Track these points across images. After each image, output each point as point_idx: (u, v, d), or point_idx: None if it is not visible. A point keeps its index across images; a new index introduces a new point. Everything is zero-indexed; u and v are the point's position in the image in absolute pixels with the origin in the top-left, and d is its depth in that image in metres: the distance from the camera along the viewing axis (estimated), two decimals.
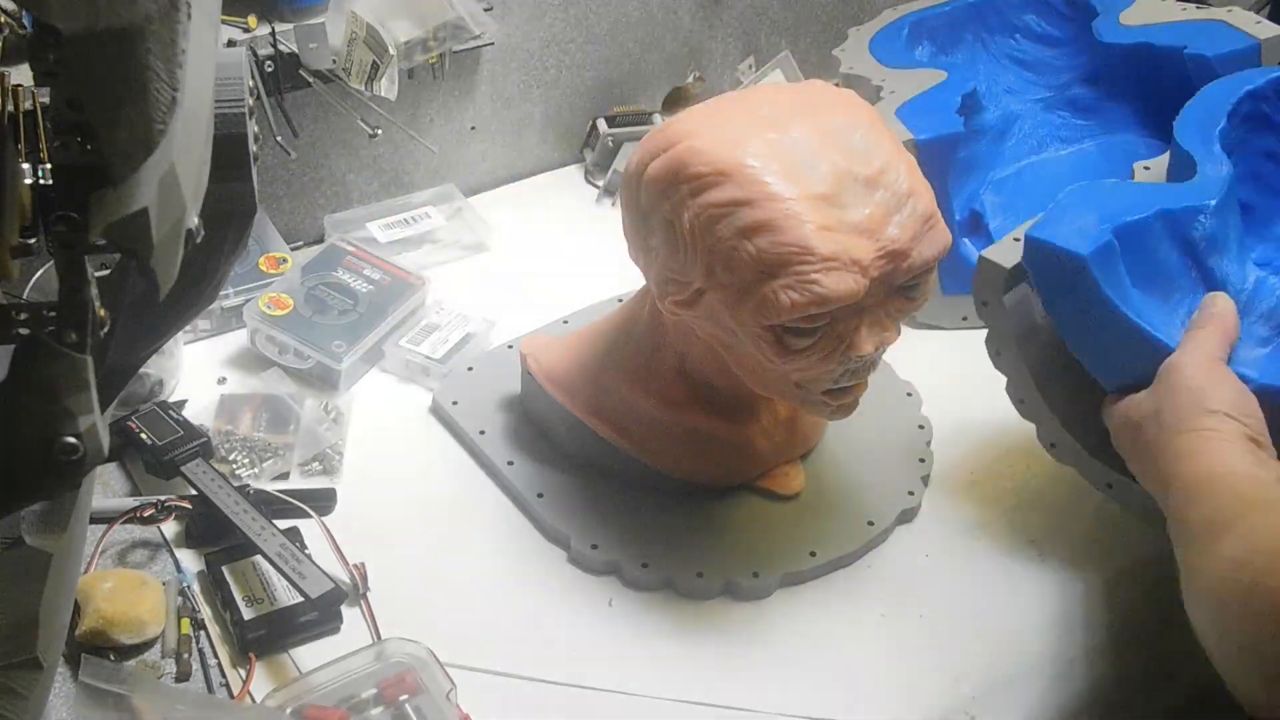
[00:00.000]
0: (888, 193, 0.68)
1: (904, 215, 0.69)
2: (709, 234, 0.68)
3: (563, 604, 0.79)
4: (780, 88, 0.76)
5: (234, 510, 0.77)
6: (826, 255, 0.66)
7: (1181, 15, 1.03)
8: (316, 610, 0.74)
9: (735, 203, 0.67)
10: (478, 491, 0.87)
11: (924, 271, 0.70)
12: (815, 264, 0.66)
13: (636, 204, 0.73)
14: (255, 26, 1.00)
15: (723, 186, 0.67)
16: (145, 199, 0.40)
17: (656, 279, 0.74)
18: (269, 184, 1.07)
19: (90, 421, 0.43)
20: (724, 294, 0.69)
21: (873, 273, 0.68)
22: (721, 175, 0.67)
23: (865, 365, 0.73)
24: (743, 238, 0.67)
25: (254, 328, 0.94)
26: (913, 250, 0.69)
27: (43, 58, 0.41)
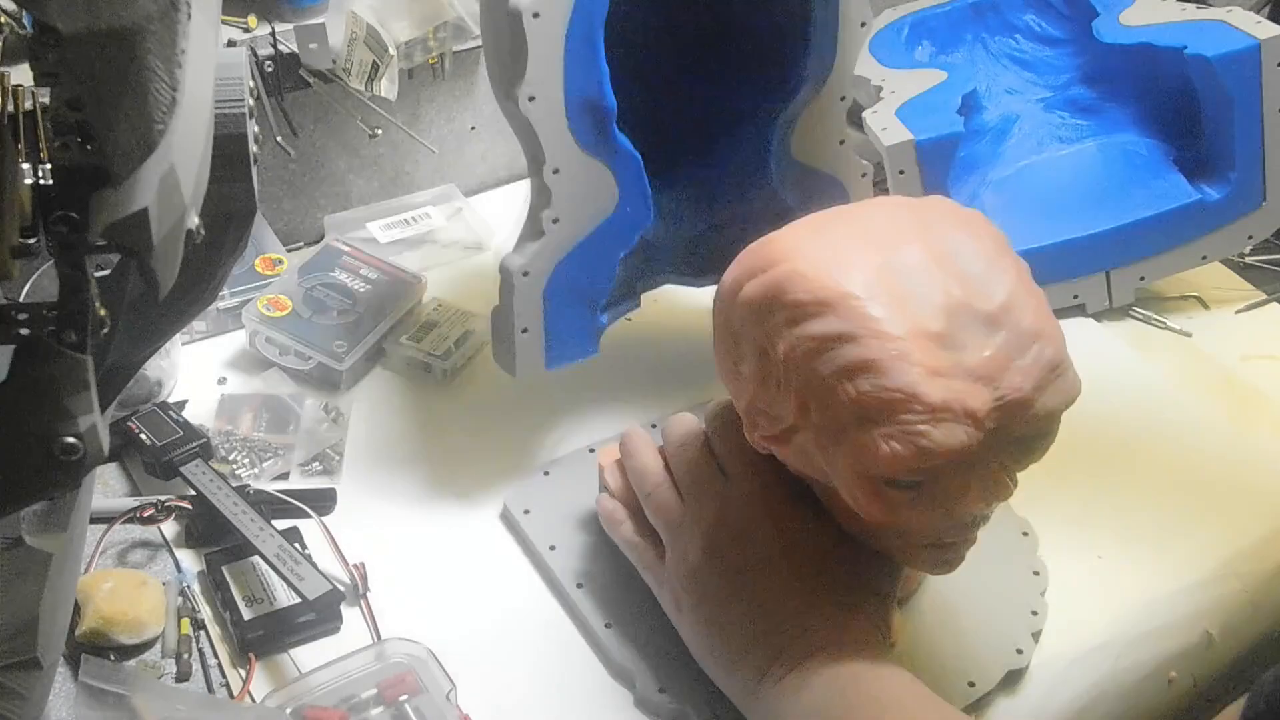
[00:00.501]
0: (1011, 334, 0.61)
1: (1027, 360, 0.60)
2: (806, 369, 0.61)
3: None
4: (897, 201, 0.68)
5: (232, 511, 0.77)
6: (936, 404, 0.58)
7: (1181, 15, 1.03)
8: (314, 611, 0.74)
9: (837, 338, 0.60)
10: None
11: (1046, 422, 0.62)
12: (922, 413, 0.59)
13: (728, 325, 0.67)
14: (255, 26, 1.00)
15: (824, 318, 0.60)
16: (145, 199, 0.40)
17: (746, 409, 0.68)
18: (269, 184, 1.07)
19: (90, 421, 0.43)
20: (818, 436, 0.63)
21: (988, 425, 0.60)
22: (823, 305, 0.60)
23: (975, 521, 0.66)
24: (843, 378, 0.60)
25: (253, 329, 0.94)
26: (1036, 401, 0.60)
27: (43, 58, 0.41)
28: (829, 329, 0.60)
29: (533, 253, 0.79)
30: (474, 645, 0.75)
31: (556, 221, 0.78)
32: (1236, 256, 1.09)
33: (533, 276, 0.80)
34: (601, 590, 0.79)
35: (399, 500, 0.86)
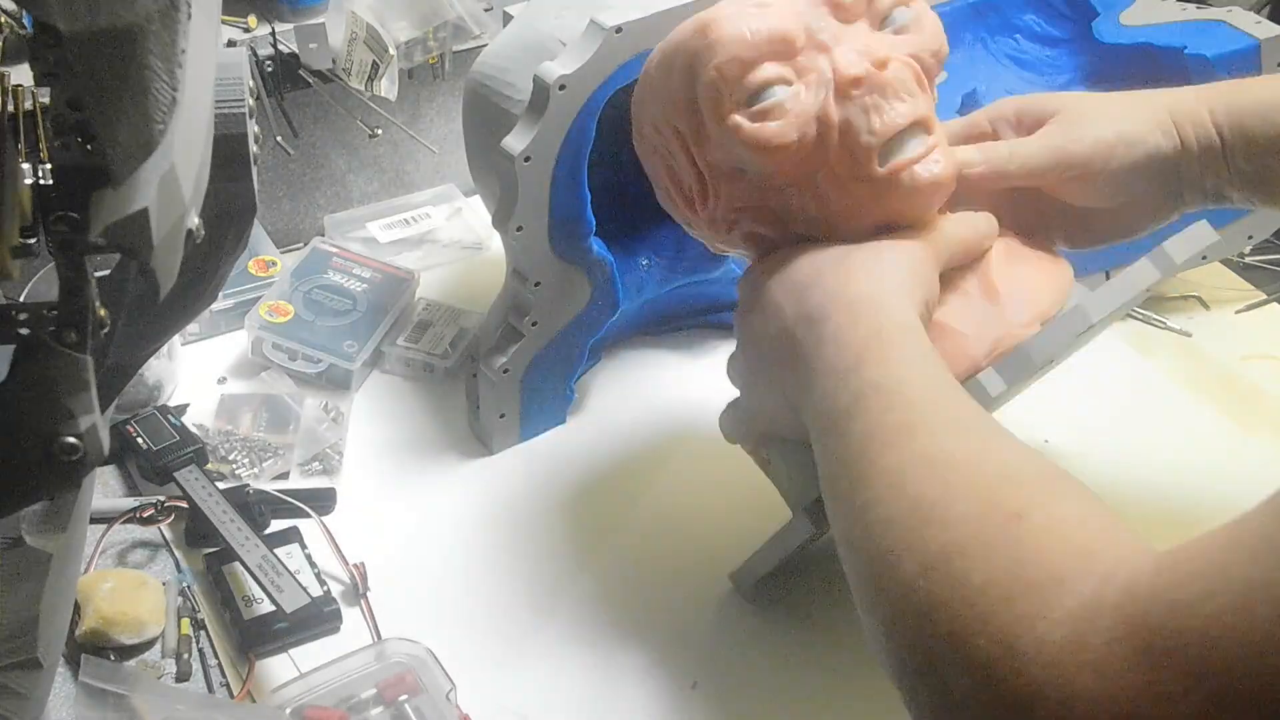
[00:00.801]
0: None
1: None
2: (661, 114, 0.67)
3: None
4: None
5: (220, 519, 0.77)
6: (723, 14, 0.63)
7: (1181, 15, 1.03)
8: (288, 623, 0.74)
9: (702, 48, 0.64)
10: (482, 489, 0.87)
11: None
12: (717, 25, 0.63)
13: (656, 136, 0.70)
14: (255, 26, 1.00)
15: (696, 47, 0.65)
16: (145, 199, 0.40)
17: (683, 204, 0.70)
18: (269, 184, 1.07)
19: (90, 421, 0.43)
20: (697, 136, 0.66)
21: (790, 6, 0.64)
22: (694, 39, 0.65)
23: (879, 90, 0.63)
24: (676, 77, 0.65)
25: (257, 336, 0.94)
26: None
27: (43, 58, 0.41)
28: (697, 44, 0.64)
29: (512, 353, 0.84)
30: (474, 645, 0.75)
31: (535, 325, 0.84)
32: (1236, 256, 1.09)
33: (512, 373, 0.85)
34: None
35: (399, 500, 0.86)
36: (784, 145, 0.63)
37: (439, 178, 1.17)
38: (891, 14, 0.66)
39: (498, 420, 0.88)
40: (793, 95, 0.63)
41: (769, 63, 0.63)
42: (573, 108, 0.75)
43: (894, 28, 0.66)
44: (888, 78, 0.63)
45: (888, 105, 0.63)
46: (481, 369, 0.85)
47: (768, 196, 0.67)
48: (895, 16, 0.66)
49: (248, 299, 0.97)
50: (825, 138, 0.63)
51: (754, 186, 0.66)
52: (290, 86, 1.01)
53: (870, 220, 0.65)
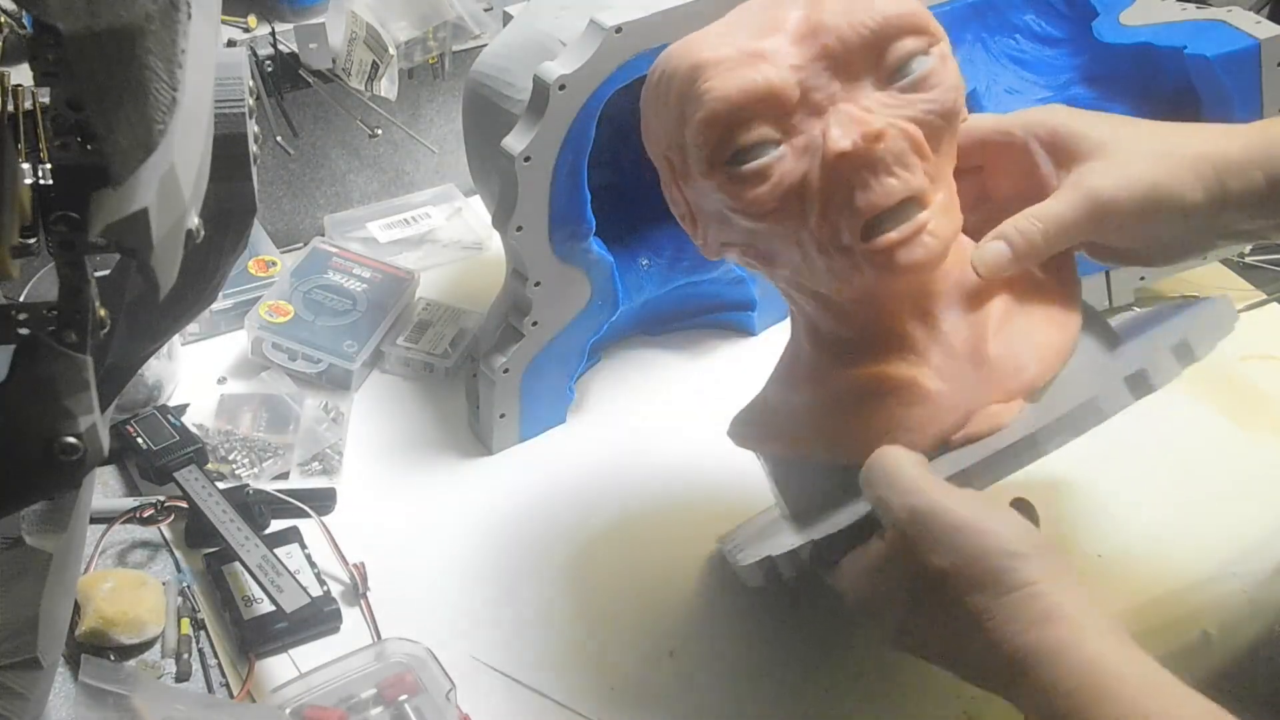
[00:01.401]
0: (789, 5, 0.62)
1: (801, 3, 0.61)
2: (656, 143, 0.66)
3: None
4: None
5: (220, 519, 0.77)
6: (715, 59, 0.60)
7: (1181, 15, 1.03)
8: (288, 623, 0.74)
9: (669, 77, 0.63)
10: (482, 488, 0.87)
11: (889, 44, 0.60)
12: (708, 74, 0.60)
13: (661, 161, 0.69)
14: (255, 26, 1.00)
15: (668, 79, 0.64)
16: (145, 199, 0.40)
17: (684, 220, 0.69)
18: (269, 184, 1.07)
19: (90, 421, 0.43)
20: (687, 176, 0.64)
21: (787, 60, 0.60)
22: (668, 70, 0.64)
23: (869, 166, 0.59)
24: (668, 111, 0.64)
25: (257, 336, 0.94)
26: (831, 22, 0.60)
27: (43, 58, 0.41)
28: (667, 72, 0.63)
29: (512, 353, 0.84)
30: (474, 645, 0.75)
31: (535, 324, 0.84)
32: (1236, 256, 1.09)
33: (512, 372, 0.85)
34: None
35: (399, 500, 0.86)
36: (765, 209, 0.62)
37: (439, 178, 1.17)
38: (907, 65, 0.61)
39: (498, 420, 0.88)
40: (779, 158, 0.61)
41: (758, 122, 0.60)
42: (573, 108, 0.75)
43: (905, 82, 0.61)
44: (879, 153, 0.59)
45: (876, 181, 0.60)
46: (481, 369, 0.85)
47: (755, 239, 0.65)
48: (911, 68, 0.61)
49: (248, 299, 0.97)
50: (808, 206, 0.61)
51: (740, 230, 0.65)
52: (290, 86, 1.01)
53: (852, 289, 0.64)
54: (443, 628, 0.75)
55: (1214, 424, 0.95)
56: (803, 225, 0.62)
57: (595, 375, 0.97)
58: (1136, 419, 0.61)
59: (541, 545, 0.83)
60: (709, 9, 0.78)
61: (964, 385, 0.64)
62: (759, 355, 0.70)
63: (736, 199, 0.62)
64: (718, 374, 0.98)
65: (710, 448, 0.80)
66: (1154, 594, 0.81)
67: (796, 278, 0.66)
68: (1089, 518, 0.86)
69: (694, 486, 0.87)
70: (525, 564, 0.82)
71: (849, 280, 0.63)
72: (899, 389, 0.65)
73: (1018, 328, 0.65)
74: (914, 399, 0.64)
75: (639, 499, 0.87)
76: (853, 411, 0.67)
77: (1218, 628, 0.80)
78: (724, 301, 1.01)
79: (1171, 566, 0.82)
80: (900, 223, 0.60)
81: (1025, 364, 0.64)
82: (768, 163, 0.61)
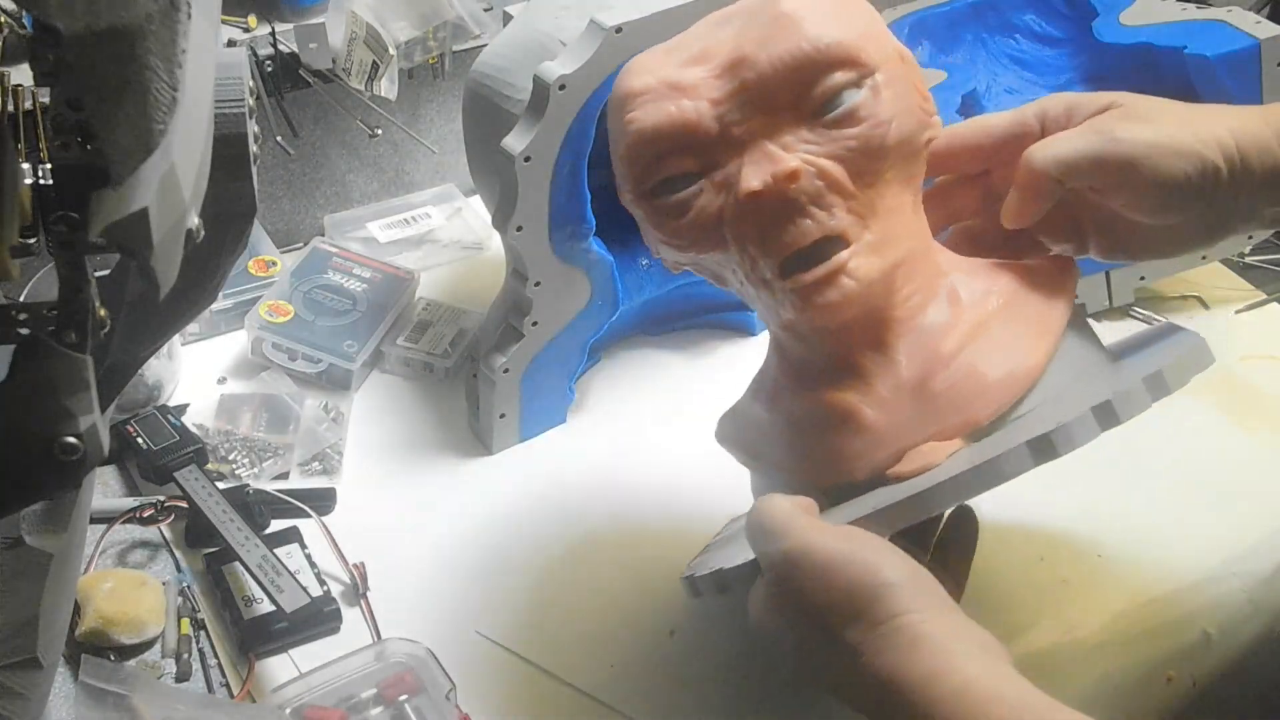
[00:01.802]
0: (728, 28, 0.62)
1: (735, 29, 0.61)
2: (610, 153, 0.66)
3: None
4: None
5: (220, 519, 0.77)
6: (639, 90, 0.61)
7: (1181, 15, 1.03)
8: (288, 623, 0.74)
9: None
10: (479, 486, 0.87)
11: (815, 78, 0.59)
12: (632, 105, 0.61)
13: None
14: (255, 26, 1.00)
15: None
16: (145, 199, 0.40)
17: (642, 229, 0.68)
18: (269, 184, 1.07)
19: (90, 421, 0.43)
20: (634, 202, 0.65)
21: (708, 93, 0.60)
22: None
23: (783, 206, 0.59)
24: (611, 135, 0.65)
25: (257, 336, 0.94)
26: (752, 55, 0.59)
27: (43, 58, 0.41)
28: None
29: (512, 353, 0.84)
30: (474, 645, 0.75)
31: (535, 324, 0.84)
32: (1236, 256, 1.09)
33: (512, 372, 0.85)
34: None
35: (399, 500, 0.86)
36: (687, 240, 0.63)
37: (439, 178, 1.17)
38: (835, 99, 0.59)
39: (498, 420, 0.88)
40: (696, 193, 0.61)
41: (678, 156, 0.61)
42: (573, 108, 0.75)
43: (831, 117, 0.59)
44: (792, 193, 0.58)
45: (790, 222, 0.59)
46: (481, 369, 0.85)
47: (698, 261, 0.65)
48: (838, 101, 0.59)
49: (248, 299, 0.97)
50: (722, 246, 0.62)
51: (672, 256, 0.66)
52: (290, 86, 1.01)
53: (781, 322, 0.64)
54: (443, 628, 0.75)
55: (1214, 424, 0.95)
56: (728, 257, 0.63)
57: (595, 375, 0.97)
58: (1137, 418, 0.61)
59: (542, 545, 0.83)
60: (709, 9, 0.78)
61: (905, 419, 0.62)
62: (759, 355, 0.70)
63: (660, 229, 0.64)
64: (718, 374, 0.98)
65: (710, 448, 0.80)
66: (1154, 594, 0.81)
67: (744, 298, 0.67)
68: (1089, 518, 0.86)
69: (694, 487, 0.87)
70: (525, 563, 0.82)
71: (775, 313, 0.63)
72: (841, 418, 0.63)
73: (982, 352, 0.62)
74: (853, 430, 0.63)
75: (639, 499, 0.87)
76: (802, 436, 0.66)
77: (1218, 628, 0.80)
78: (724, 301, 1.01)
79: (1171, 566, 0.83)
80: (817, 263, 0.59)
81: (971, 400, 0.62)
82: (684, 197, 0.61)
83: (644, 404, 0.96)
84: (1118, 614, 0.80)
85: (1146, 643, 0.80)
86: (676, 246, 0.64)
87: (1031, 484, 0.83)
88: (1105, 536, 0.84)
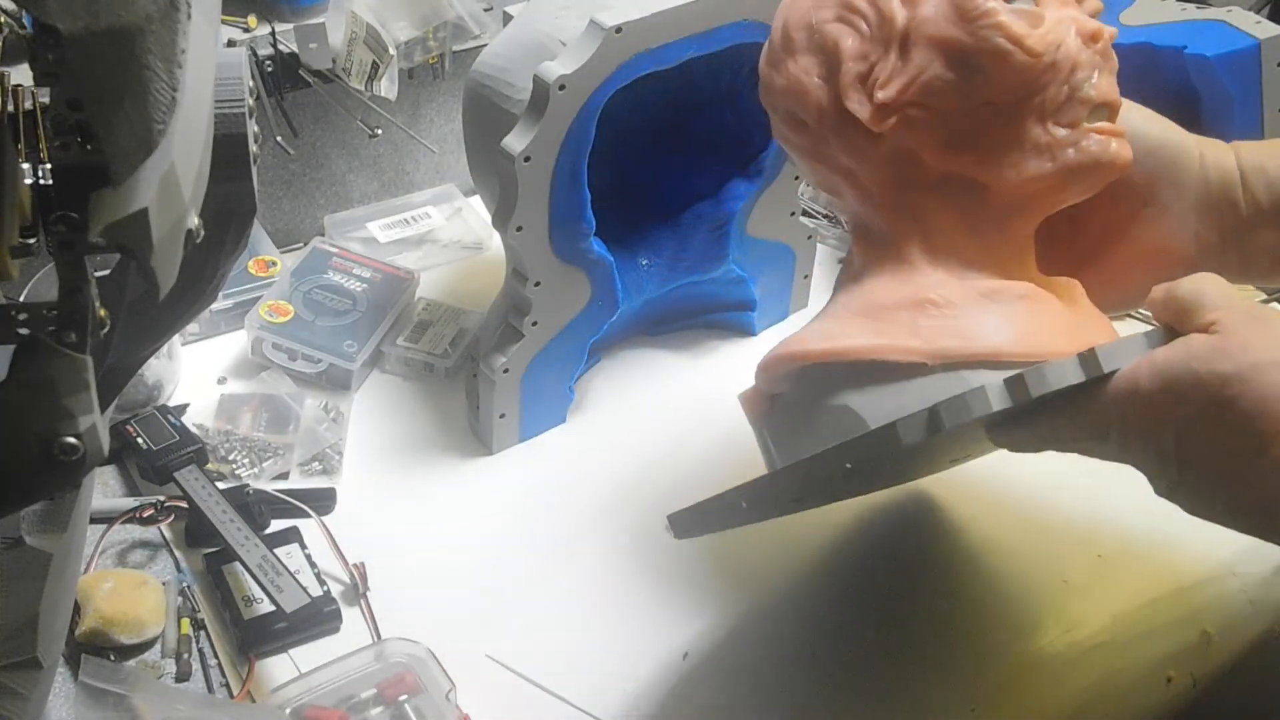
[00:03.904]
0: None
1: None
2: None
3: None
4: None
5: (220, 519, 0.77)
6: None
7: (1181, 15, 1.03)
8: (288, 623, 0.74)
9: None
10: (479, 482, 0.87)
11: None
12: None
13: (774, 57, 0.68)
14: (255, 26, 1.00)
15: None
16: (145, 199, 0.40)
17: (849, 86, 0.65)
18: (269, 184, 1.07)
19: (90, 421, 0.43)
20: (934, 7, 0.62)
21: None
22: None
23: (1104, 56, 0.65)
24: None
25: (257, 336, 0.94)
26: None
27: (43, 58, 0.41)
28: None
29: (512, 353, 0.84)
30: (474, 645, 0.75)
31: (535, 324, 0.84)
32: None
33: (512, 372, 0.85)
34: None
35: (399, 500, 0.86)
36: (1028, 54, 0.61)
37: (439, 178, 1.17)
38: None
39: (498, 420, 0.88)
40: (1040, 14, 0.62)
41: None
42: (573, 108, 0.75)
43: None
44: (1110, 49, 0.65)
45: (1108, 73, 0.65)
46: (481, 369, 0.85)
47: (952, 105, 0.64)
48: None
49: (248, 299, 0.97)
50: (1056, 72, 0.62)
51: (948, 83, 0.63)
52: (290, 86, 1.01)
53: (1043, 183, 0.64)
54: (443, 628, 0.75)
55: None
56: (1034, 94, 0.63)
57: (595, 375, 0.97)
58: None
59: (541, 545, 0.83)
60: (708, 9, 0.78)
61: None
62: (759, 355, 0.70)
63: (1009, 33, 0.61)
64: (718, 374, 0.98)
65: (711, 448, 0.80)
66: (1154, 594, 0.81)
67: (969, 156, 0.65)
68: (1089, 518, 0.86)
69: (694, 487, 0.87)
70: (525, 563, 0.82)
71: (1056, 154, 0.64)
72: (1036, 298, 0.66)
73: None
74: (1054, 310, 0.66)
75: (639, 499, 0.87)
76: (995, 309, 0.65)
77: (1218, 628, 0.80)
78: (724, 301, 1.01)
79: (1171, 566, 0.83)
80: (1112, 121, 0.65)
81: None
82: (1035, 10, 0.62)
83: (644, 404, 0.96)
84: (1118, 614, 0.80)
85: (1146, 643, 0.80)
86: (1007, 60, 0.62)
87: (1033, 484, 0.83)
88: (1105, 536, 0.84)
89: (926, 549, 0.84)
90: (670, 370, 0.99)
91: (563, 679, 0.74)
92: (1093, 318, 0.70)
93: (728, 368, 0.99)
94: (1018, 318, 0.65)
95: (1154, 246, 0.69)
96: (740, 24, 0.81)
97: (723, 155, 0.94)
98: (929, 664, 0.77)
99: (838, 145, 0.67)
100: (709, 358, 1.01)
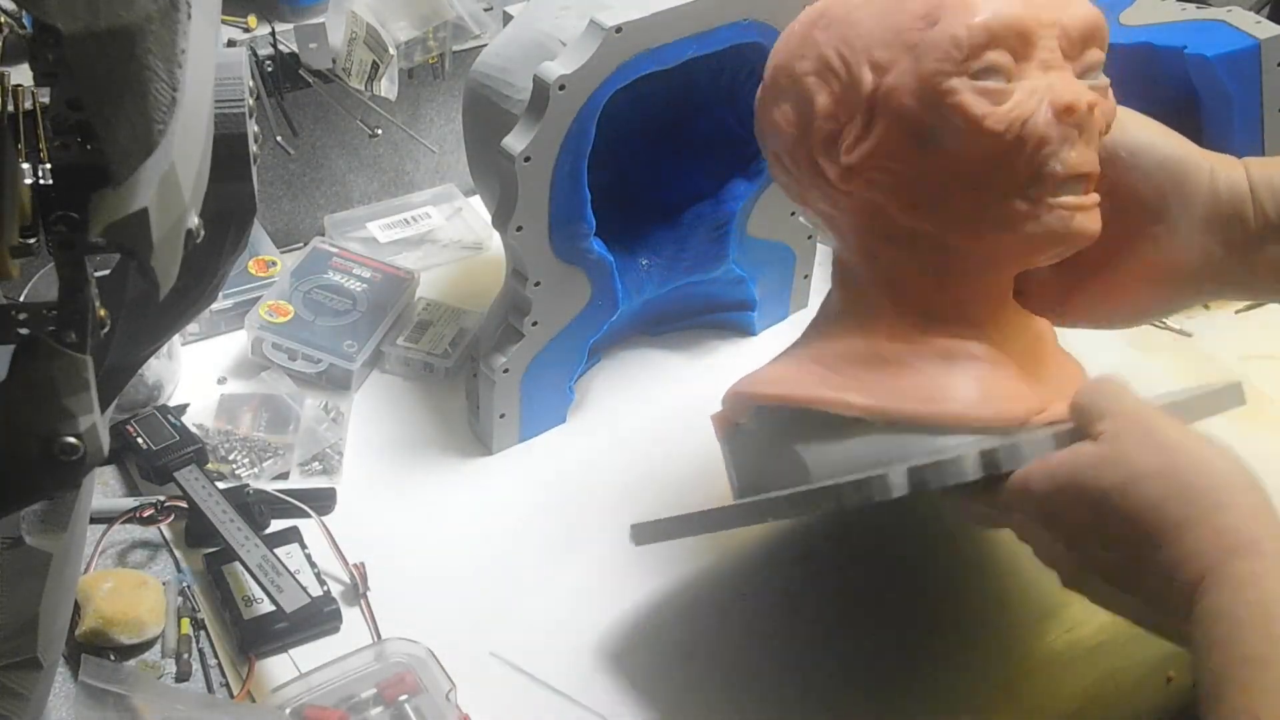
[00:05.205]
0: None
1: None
2: (859, 39, 0.64)
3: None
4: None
5: (220, 519, 0.77)
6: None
7: (1181, 15, 1.03)
8: (288, 623, 0.74)
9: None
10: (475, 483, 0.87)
11: (1089, 46, 0.66)
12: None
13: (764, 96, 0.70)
14: (255, 26, 1.00)
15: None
16: (145, 199, 0.40)
17: (818, 144, 0.67)
18: (269, 184, 1.07)
19: (90, 421, 0.43)
20: (899, 78, 0.63)
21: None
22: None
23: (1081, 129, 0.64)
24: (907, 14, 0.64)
25: (257, 336, 0.94)
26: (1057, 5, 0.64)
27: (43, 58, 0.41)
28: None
29: (512, 353, 0.84)
30: (474, 645, 0.75)
31: (535, 324, 0.84)
32: None
33: (512, 372, 0.85)
34: None
35: (399, 500, 0.86)
36: (987, 134, 0.62)
37: (439, 178, 1.17)
38: (1096, 75, 0.67)
39: (498, 420, 0.88)
40: (1011, 90, 0.63)
41: (1003, 50, 0.62)
42: (573, 108, 0.75)
43: (1089, 85, 0.66)
44: (1091, 120, 0.64)
45: (1082, 146, 0.64)
46: (481, 369, 0.85)
47: (914, 172, 0.65)
48: (1098, 78, 0.67)
49: (248, 299, 0.97)
50: (1021, 146, 0.63)
51: (909, 154, 0.64)
52: (290, 86, 1.01)
53: (1006, 248, 0.66)
54: (443, 628, 0.75)
55: (1214, 423, 0.94)
56: (999, 167, 0.63)
57: (595, 375, 0.97)
58: None
59: (541, 545, 0.83)
60: (708, 9, 0.78)
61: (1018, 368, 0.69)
62: (759, 355, 0.71)
63: (969, 112, 0.62)
64: (718, 374, 0.98)
65: (711, 448, 0.80)
66: None
67: (918, 231, 0.67)
68: None
69: (694, 487, 0.87)
70: (525, 564, 0.82)
71: (1015, 227, 0.65)
72: (990, 360, 0.68)
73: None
74: (1005, 375, 0.68)
75: (639, 499, 0.87)
76: (946, 370, 0.68)
77: None
78: (724, 301, 1.01)
79: None
80: (1081, 194, 0.65)
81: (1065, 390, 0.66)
82: (1004, 89, 0.62)
83: (644, 404, 0.96)
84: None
85: (1146, 643, 0.79)
86: (974, 136, 0.63)
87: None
88: None
89: (926, 549, 0.84)
90: (670, 370, 0.99)
91: (563, 678, 0.74)
92: (1059, 366, 0.72)
93: (728, 368, 0.99)
94: (968, 381, 0.68)
95: (1161, 260, 0.70)
96: (740, 24, 0.81)
97: (723, 155, 0.94)
98: (929, 664, 0.77)
99: (813, 192, 0.70)
100: (709, 358, 1.01)
